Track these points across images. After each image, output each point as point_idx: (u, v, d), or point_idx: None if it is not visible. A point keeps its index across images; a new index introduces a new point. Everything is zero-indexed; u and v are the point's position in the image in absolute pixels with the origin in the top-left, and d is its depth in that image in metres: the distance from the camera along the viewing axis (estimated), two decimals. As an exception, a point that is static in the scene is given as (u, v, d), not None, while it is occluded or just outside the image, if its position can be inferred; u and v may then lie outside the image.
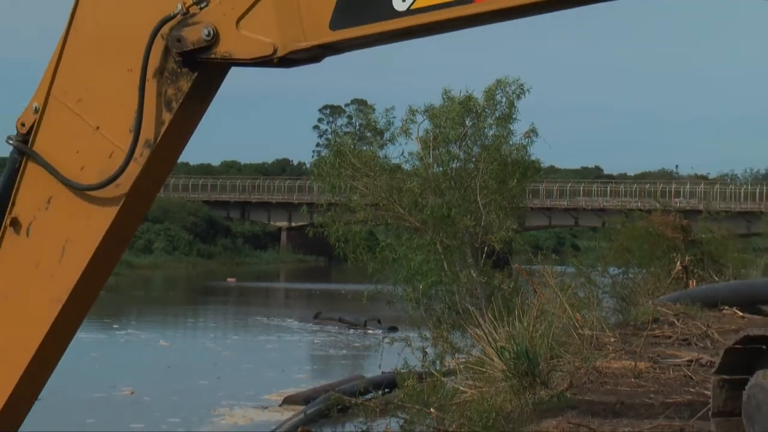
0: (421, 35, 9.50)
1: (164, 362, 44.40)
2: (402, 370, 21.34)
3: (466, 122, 31.68)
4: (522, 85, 32.36)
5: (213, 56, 9.85)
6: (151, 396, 34.87)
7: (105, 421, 30.17)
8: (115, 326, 55.37)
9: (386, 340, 27.97)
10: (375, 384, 27.60)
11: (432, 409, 15.52)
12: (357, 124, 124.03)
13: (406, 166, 31.93)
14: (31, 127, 10.65)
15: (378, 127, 34.04)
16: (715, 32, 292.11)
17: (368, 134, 37.12)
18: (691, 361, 16.97)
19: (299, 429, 15.24)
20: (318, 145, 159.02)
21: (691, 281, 32.40)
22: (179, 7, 9.79)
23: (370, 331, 52.73)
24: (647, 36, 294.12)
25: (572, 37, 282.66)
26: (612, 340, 19.44)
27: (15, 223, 10.74)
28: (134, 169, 10.22)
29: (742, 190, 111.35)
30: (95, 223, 10.52)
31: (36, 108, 10.60)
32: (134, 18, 10.11)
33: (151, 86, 10.00)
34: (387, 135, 33.09)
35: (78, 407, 30.28)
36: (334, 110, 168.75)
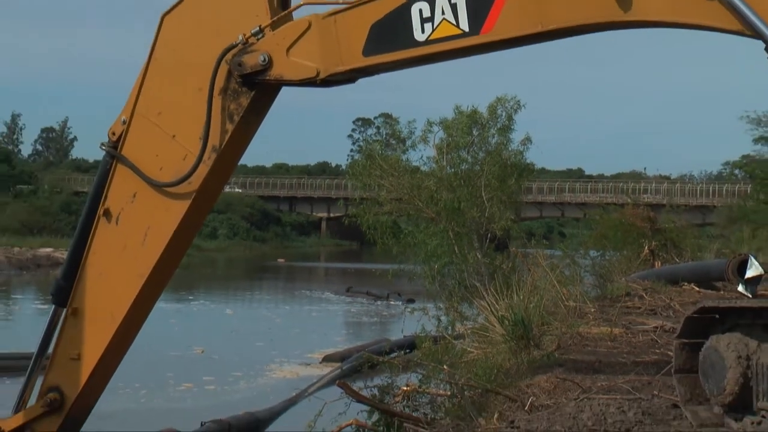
0: (437, 61, 9.58)
1: (229, 327, 44.30)
2: (420, 334, 21.30)
3: (473, 132, 31.64)
4: (518, 101, 32.39)
5: (267, 78, 9.93)
6: (219, 354, 34.87)
7: (181, 374, 30.24)
8: (189, 298, 55.32)
9: (407, 309, 27.88)
10: (398, 345, 27.59)
11: (445, 366, 15.47)
12: (384, 133, 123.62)
13: (424, 168, 31.85)
14: (120, 136, 10.76)
15: (401, 135, 34.04)
16: (682, 59, 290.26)
17: (393, 142, 37.04)
18: (657, 327, 16.90)
19: (337, 382, 15.28)
20: (352, 150, 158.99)
21: (656, 262, 32.28)
22: (240, 37, 9.89)
23: (392, 303, 52.44)
24: (623, 59, 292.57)
25: (559, 62, 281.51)
26: (592, 310, 19.38)
27: (107, 214, 10.84)
28: (203, 170, 10.31)
29: (698, 188, 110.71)
30: (172, 213, 10.60)
31: (124, 120, 10.71)
32: (203, 48, 10.16)
33: (217, 102, 10.09)
34: (408, 142, 33.07)
35: (160, 363, 30.34)
36: (365, 122, 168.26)
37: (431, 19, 8.95)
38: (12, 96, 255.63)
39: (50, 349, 11.21)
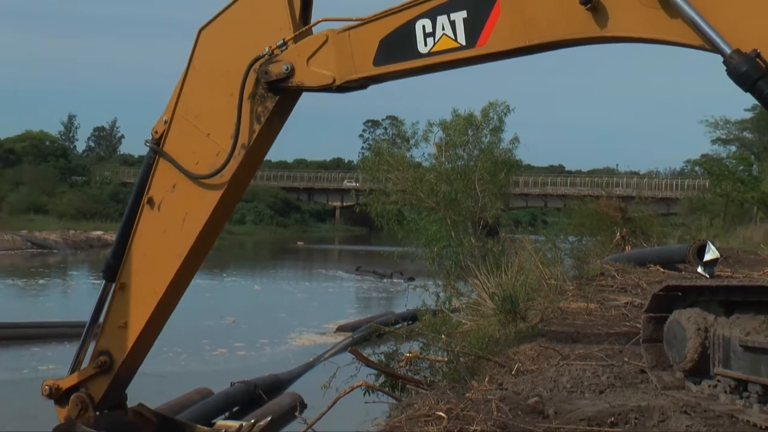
0: (438, 71, 9.55)
1: (256, 300, 44.43)
2: (421, 308, 21.27)
3: (469, 132, 31.53)
4: (508, 105, 32.29)
5: (290, 84, 9.93)
6: (247, 324, 34.90)
7: (215, 341, 30.33)
8: (222, 275, 55.33)
9: (410, 287, 27.84)
10: (402, 317, 27.50)
11: (442, 336, 15.46)
12: (390, 133, 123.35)
13: (426, 164, 31.69)
14: (162, 134, 10.77)
15: (406, 135, 33.97)
16: (650, 71, 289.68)
17: (398, 140, 36.95)
18: (627, 303, 16.89)
19: (348, 349, 15.27)
20: (362, 148, 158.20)
21: (627, 247, 32.27)
22: (266, 49, 9.89)
23: (395, 281, 52.33)
24: (600, 71, 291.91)
25: (545, 72, 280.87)
26: (570, 288, 19.35)
27: (150, 202, 10.85)
28: (233, 164, 10.32)
29: (663, 183, 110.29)
30: (206, 202, 10.62)
31: (165, 120, 10.71)
32: (235, 58, 10.16)
33: (246, 105, 10.09)
34: (412, 141, 32.90)
35: (196, 332, 30.37)
36: (374, 123, 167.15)
37: (432, 33, 8.95)
38: (68, 99, 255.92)
39: (101, 319, 11.26)
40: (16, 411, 18.39)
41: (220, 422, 13.49)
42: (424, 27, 8.99)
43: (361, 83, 9.80)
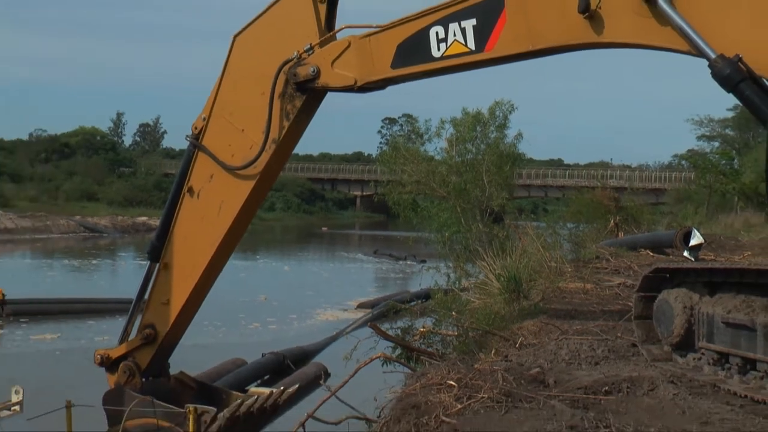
0: (450, 73, 9.54)
1: (285, 280, 44.53)
2: (434, 288, 21.28)
3: (477, 129, 31.41)
4: (512, 104, 32.14)
5: (316, 85, 9.94)
6: (278, 301, 34.96)
7: (250, 316, 30.50)
8: (256, 256, 55.50)
9: (424, 268, 27.85)
10: (417, 296, 27.43)
11: (453, 312, 15.48)
12: (406, 129, 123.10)
13: (438, 157, 31.63)
14: (201, 129, 10.80)
15: (420, 131, 33.86)
16: (641, 74, 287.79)
17: (413, 136, 36.79)
18: (620, 283, 16.85)
19: (368, 324, 15.32)
20: (380, 143, 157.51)
21: (620, 233, 32.17)
22: (295, 53, 9.90)
23: (409, 263, 52.22)
24: (597, 74, 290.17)
25: (544, 76, 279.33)
26: (569, 270, 19.30)
27: (190, 190, 10.88)
28: (265, 157, 10.34)
29: (653, 175, 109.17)
30: (240, 190, 10.65)
31: (204, 117, 10.74)
32: (266, 61, 10.16)
33: (276, 104, 10.10)
34: (426, 137, 32.85)
35: (232, 307, 30.48)
36: (391, 121, 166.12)
37: (445, 39, 8.95)
38: (116, 99, 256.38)
39: (146, 295, 11.32)
40: (73, 377, 18.54)
41: (253, 389, 13.49)
42: (437, 33, 9.00)
43: (380, 84, 9.81)
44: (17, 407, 7.02)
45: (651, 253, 23.77)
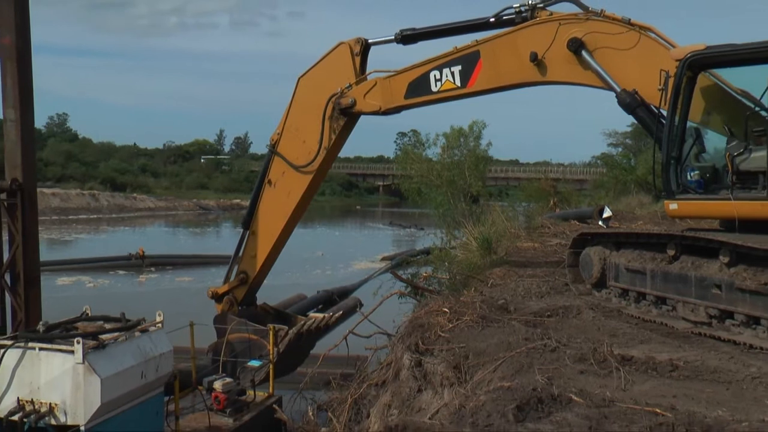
0: (444, 102, 9.44)
1: (335, 241, 44.50)
2: (432, 247, 21.25)
3: (461, 139, 31.44)
4: (484, 123, 32.23)
5: (353, 111, 9.90)
6: (330, 256, 35.15)
7: (312, 266, 30.81)
8: (315, 225, 55.52)
9: (425, 233, 27.85)
10: (421, 252, 27.54)
11: (446, 263, 15.48)
12: (412, 140, 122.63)
13: (434, 159, 31.64)
14: (276, 140, 10.78)
15: (422, 141, 33.92)
16: (574, 99, 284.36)
17: (417, 145, 36.71)
18: (558, 243, 16.74)
19: (389, 270, 15.39)
20: (396, 149, 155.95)
21: (557, 209, 31.91)
22: (339, 89, 9.87)
23: (412, 230, 52.10)
24: (543, 99, 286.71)
25: (510, 101, 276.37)
26: (523, 234, 19.13)
27: (269, 182, 10.87)
28: (319, 159, 10.32)
29: (579, 170, 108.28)
30: (303, 182, 10.63)
31: (278, 132, 10.70)
32: (320, 94, 10.14)
33: (327, 124, 10.07)
34: (426, 145, 32.91)
35: (300, 260, 30.61)
36: (402, 134, 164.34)
37: (440, 79, 8.97)
38: (220, 120, 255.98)
39: (241, 252, 11.36)
40: (194, 306, 18.65)
41: (312, 314, 13.57)
42: (435, 75, 9.00)
43: (397, 110, 9.80)
44: (160, 324, 7.06)
45: (578, 223, 23.53)
